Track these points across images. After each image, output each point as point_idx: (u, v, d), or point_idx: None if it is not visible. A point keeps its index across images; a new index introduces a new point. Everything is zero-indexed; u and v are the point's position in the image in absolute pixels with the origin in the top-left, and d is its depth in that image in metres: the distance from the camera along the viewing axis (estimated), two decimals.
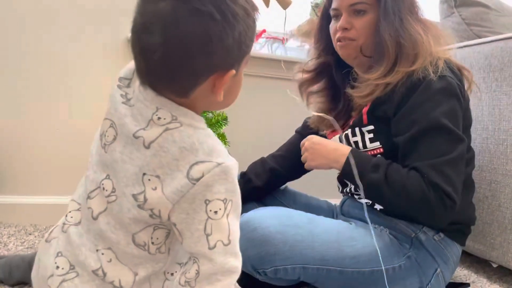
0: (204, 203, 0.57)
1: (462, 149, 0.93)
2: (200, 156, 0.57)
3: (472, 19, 1.57)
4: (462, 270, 1.41)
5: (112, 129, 0.63)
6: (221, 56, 0.57)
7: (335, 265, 0.92)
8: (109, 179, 0.62)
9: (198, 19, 0.53)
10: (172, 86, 0.59)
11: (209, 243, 0.58)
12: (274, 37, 1.98)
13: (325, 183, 1.59)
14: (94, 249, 0.62)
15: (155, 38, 0.54)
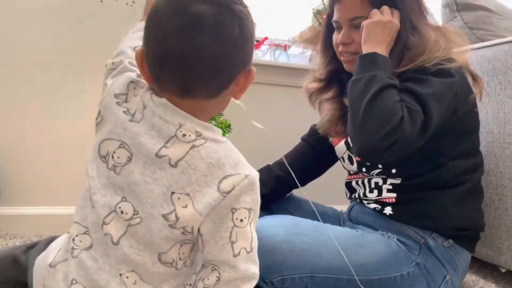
0: (230, 211, 0.59)
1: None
2: (228, 170, 0.59)
3: (474, 23, 1.57)
4: (471, 276, 1.40)
5: (123, 150, 0.61)
6: (249, 53, 0.61)
7: (343, 273, 0.91)
8: (127, 202, 0.61)
9: (237, 21, 0.58)
10: (212, 84, 0.60)
11: (233, 250, 0.60)
12: (276, 44, 1.98)
13: (330, 190, 1.59)
14: (117, 273, 0.60)
15: (204, 38, 0.56)
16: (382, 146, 0.85)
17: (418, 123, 0.87)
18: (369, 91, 0.88)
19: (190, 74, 0.58)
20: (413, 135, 0.87)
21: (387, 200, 1.03)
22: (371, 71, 0.91)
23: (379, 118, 0.86)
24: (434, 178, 1.00)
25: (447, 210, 0.99)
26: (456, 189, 1.00)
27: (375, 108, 0.87)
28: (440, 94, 0.92)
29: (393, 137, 0.84)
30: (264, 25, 1.98)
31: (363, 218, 1.10)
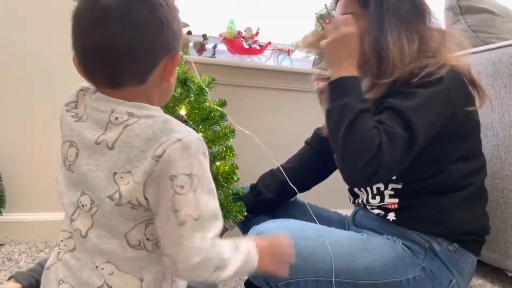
0: (170, 179, 0.58)
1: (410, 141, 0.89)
2: (162, 138, 0.59)
3: (478, 26, 1.57)
4: (477, 280, 1.39)
5: (72, 148, 0.65)
6: (171, 38, 0.64)
7: (348, 277, 0.91)
8: (85, 195, 0.63)
9: (147, 7, 0.61)
10: (133, 69, 0.62)
11: (178, 219, 0.58)
12: (279, 49, 1.99)
13: (335, 194, 1.58)
14: (94, 266, 0.62)
15: (112, 27, 0.59)
16: (367, 174, 0.87)
17: (398, 144, 0.88)
18: (342, 122, 0.89)
19: (109, 64, 0.61)
20: (395, 157, 0.88)
21: (389, 206, 1.03)
22: (341, 99, 0.92)
23: (357, 149, 0.87)
24: (436, 182, 0.99)
25: (451, 214, 0.98)
26: (459, 193, 0.99)
27: (351, 140, 0.88)
28: (427, 105, 0.92)
29: (374, 165, 0.86)
30: (268, 30, 1.99)
31: (368, 222, 1.10)
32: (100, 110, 0.63)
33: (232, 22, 1.91)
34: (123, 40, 0.59)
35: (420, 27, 0.99)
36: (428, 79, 0.92)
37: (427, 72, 0.92)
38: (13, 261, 1.30)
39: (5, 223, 1.50)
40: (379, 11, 0.98)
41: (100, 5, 0.59)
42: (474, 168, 1.03)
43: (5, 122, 1.55)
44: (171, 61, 0.65)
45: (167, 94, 0.71)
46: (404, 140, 0.88)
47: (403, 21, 0.98)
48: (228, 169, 1.36)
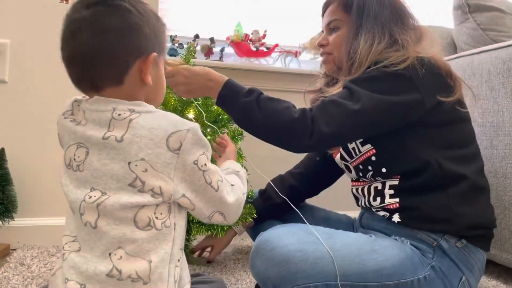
0: (193, 164, 0.68)
1: (357, 111, 0.94)
2: (169, 129, 0.66)
3: (487, 24, 1.55)
4: (491, 281, 1.37)
5: (81, 148, 0.68)
6: (142, 41, 0.69)
7: (358, 280, 0.90)
8: (95, 190, 0.66)
9: (116, 13, 0.66)
10: (107, 73, 0.67)
11: (213, 187, 0.71)
12: (287, 51, 1.99)
13: (342, 197, 1.58)
14: (103, 256, 0.64)
15: (83, 36, 0.65)
16: (304, 141, 0.94)
17: (330, 108, 0.94)
18: (255, 115, 0.96)
19: (85, 70, 0.68)
20: (327, 119, 0.93)
21: (391, 206, 1.02)
22: (238, 102, 0.98)
23: (282, 125, 0.96)
24: (430, 176, 0.99)
25: (453, 210, 0.97)
26: (456, 187, 0.98)
27: (273, 122, 0.96)
28: (379, 79, 0.97)
29: (307, 131, 0.93)
30: (275, 32, 1.99)
31: (374, 224, 1.09)
32: (100, 110, 0.67)
33: (239, 25, 1.91)
34: (93, 48, 0.66)
35: (395, 29, 1.05)
36: (387, 68, 0.97)
37: (388, 62, 0.98)
38: (25, 265, 1.31)
39: (17, 228, 1.51)
40: (360, 18, 1.06)
41: (75, 18, 0.67)
42: (463, 157, 1.02)
43: (16, 128, 1.57)
44: (144, 62, 0.70)
45: (157, 93, 0.77)
46: (342, 106, 0.94)
47: (380, 25, 1.05)
48: None
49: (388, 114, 0.97)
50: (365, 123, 0.96)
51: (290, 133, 0.95)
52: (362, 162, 1.08)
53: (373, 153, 1.04)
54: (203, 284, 0.85)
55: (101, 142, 0.66)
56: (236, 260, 1.48)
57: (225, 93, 1.00)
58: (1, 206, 1.44)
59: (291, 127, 0.94)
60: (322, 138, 0.93)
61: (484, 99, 1.38)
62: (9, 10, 1.56)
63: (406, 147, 1.01)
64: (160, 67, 0.75)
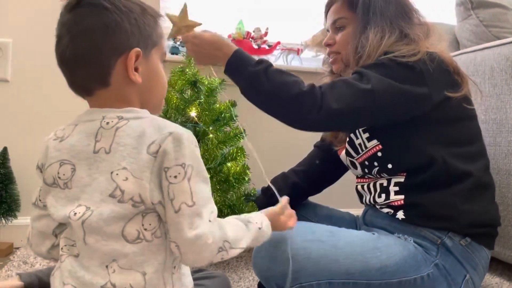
0: (164, 171, 0.61)
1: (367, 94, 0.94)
2: (154, 135, 0.62)
3: (490, 21, 1.54)
4: (494, 278, 1.37)
5: (65, 166, 0.66)
6: (121, 39, 0.66)
7: (361, 278, 0.90)
8: (80, 206, 0.64)
9: (93, 13, 0.65)
10: (91, 75, 0.67)
11: (174, 207, 0.61)
12: (289, 49, 1.98)
13: (345, 194, 1.57)
14: (100, 267, 0.62)
15: (64, 40, 0.65)
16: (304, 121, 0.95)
17: (339, 87, 0.94)
18: (264, 82, 0.96)
19: (72, 74, 0.68)
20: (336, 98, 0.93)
21: (396, 203, 1.02)
22: (245, 71, 0.98)
23: (290, 95, 0.94)
24: (435, 172, 0.98)
25: (458, 208, 0.97)
26: (462, 184, 0.98)
27: (279, 90, 0.95)
28: (389, 67, 0.97)
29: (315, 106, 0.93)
30: (277, 29, 1.98)
31: (378, 221, 1.09)
32: (91, 119, 0.66)
33: (241, 23, 1.91)
34: (72, 51, 0.65)
35: (403, 24, 1.05)
36: (398, 58, 0.97)
37: (400, 53, 0.97)
38: (28, 264, 1.32)
39: (20, 227, 1.52)
40: (366, 15, 1.06)
41: (60, 22, 0.67)
42: (469, 154, 1.01)
43: (19, 127, 1.57)
44: (128, 59, 0.67)
45: (152, 92, 0.72)
46: (353, 86, 0.94)
47: (388, 20, 1.05)
48: (239, 170, 1.36)
49: (396, 101, 0.96)
50: (374, 105, 0.95)
51: (297, 106, 0.94)
52: (368, 158, 1.08)
53: (379, 148, 1.04)
54: (206, 280, 0.85)
55: (91, 156, 0.64)
56: (239, 258, 1.48)
57: (234, 61, 1.00)
58: (4, 205, 1.45)
59: (299, 99, 0.93)
60: (330, 114, 0.93)
61: (487, 96, 1.38)
62: (11, 9, 1.56)
63: (412, 143, 1.00)
64: (153, 60, 0.71)
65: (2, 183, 1.45)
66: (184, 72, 1.42)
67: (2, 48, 1.55)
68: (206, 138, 1.37)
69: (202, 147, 1.34)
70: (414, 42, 1.02)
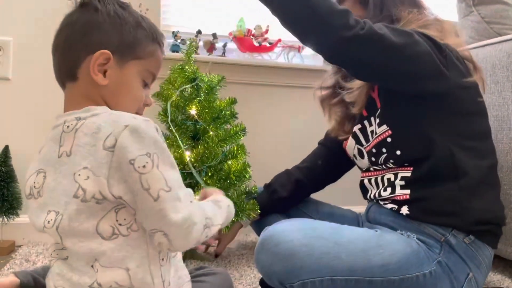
0: (130, 164, 0.60)
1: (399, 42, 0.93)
2: (109, 129, 0.61)
3: (491, 17, 1.54)
4: (496, 275, 1.37)
5: (40, 174, 0.68)
6: (97, 38, 0.69)
7: (363, 275, 0.90)
8: (51, 212, 0.65)
9: (84, 11, 0.70)
10: (64, 65, 0.70)
11: (152, 196, 0.60)
12: (290, 46, 1.98)
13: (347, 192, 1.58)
14: (86, 268, 0.63)
15: (57, 30, 0.71)
16: (344, 35, 0.90)
17: (372, 28, 0.92)
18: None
19: (54, 61, 0.72)
20: (371, 33, 0.91)
21: (401, 198, 1.02)
22: None
23: (330, 11, 0.91)
24: (442, 164, 0.98)
25: (463, 204, 0.97)
26: (469, 180, 0.97)
27: (322, 7, 0.90)
28: (408, 34, 0.96)
29: (351, 28, 0.90)
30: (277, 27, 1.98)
31: (381, 218, 1.09)
32: (56, 125, 0.68)
33: (241, 20, 1.91)
34: (56, 39, 0.71)
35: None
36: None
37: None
38: (30, 262, 1.32)
39: (21, 225, 1.52)
40: (378, 15, 1.05)
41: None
42: (478, 150, 1.01)
43: (20, 125, 1.57)
44: (94, 57, 0.68)
45: (118, 98, 0.71)
46: (390, 27, 0.95)
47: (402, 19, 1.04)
48: (240, 168, 1.36)
49: (423, 57, 0.96)
50: (408, 47, 0.94)
51: (343, 19, 0.91)
52: (376, 145, 1.07)
53: (389, 134, 1.04)
54: (208, 276, 0.85)
55: (56, 161, 0.65)
56: (240, 255, 1.48)
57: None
58: (6, 203, 1.45)
59: (345, 14, 0.91)
60: (371, 35, 0.91)
61: (488, 92, 1.37)
62: (12, 7, 1.56)
63: (422, 131, 1.00)
64: (127, 71, 0.71)
65: (4, 181, 1.45)
66: (183, 70, 1.42)
67: (3, 46, 1.55)
68: (207, 136, 1.37)
69: (203, 145, 1.34)
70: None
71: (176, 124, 1.38)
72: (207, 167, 1.32)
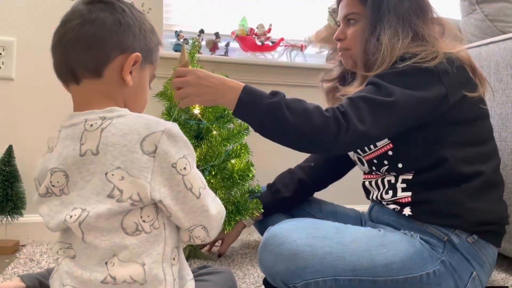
0: (172, 167, 0.64)
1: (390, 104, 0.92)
2: (143, 132, 0.64)
3: (495, 15, 1.53)
4: (500, 274, 1.36)
5: (57, 173, 0.66)
6: (128, 39, 0.69)
7: (367, 274, 0.90)
8: (76, 209, 0.65)
9: (109, 10, 0.69)
10: (88, 60, 0.67)
11: (194, 194, 0.66)
12: (292, 45, 1.98)
13: (350, 191, 1.57)
14: (99, 264, 0.64)
15: (72, 23, 0.67)
16: (330, 145, 0.92)
17: (363, 108, 0.90)
18: (283, 117, 0.90)
19: (68, 54, 0.68)
20: (362, 119, 0.90)
21: (403, 200, 1.02)
22: (261, 104, 0.91)
23: (316, 125, 0.90)
24: (445, 171, 0.98)
25: (465, 206, 0.96)
26: (471, 183, 0.97)
27: (304, 121, 0.90)
28: (409, 75, 0.95)
29: (341, 131, 0.89)
30: (280, 26, 1.98)
31: (384, 218, 1.09)
32: (74, 124, 0.67)
33: (244, 20, 1.90)
34: (78, 33, 0.67)
35: (418, 23, 1.02)
36: (418, 64, 0.95)
37: (419, 58, 0.95)
38: (34, 261, 1.32)
39: (26, 224, 1.52)
40: (379, 11, 1.02)
41: (71, 11, 0.70)
42: (481, 154, 1.01)
43: (24, 125, 1.57)
44: (126, 59, 0.69)
45: (137, 99, 0.74)
46: (373, 101, 0.91)
47: (400, 18, 1.01)
48: (244, 167, 1.36)
49: (418, 110, 0.95)
50: (397, 118, 0.93)
51: (325, 132, 0.89)
52: (377, 157, 1.06)
53: (390, 147, 1.03)
54: (211, 275, 0.85)
55: (79, 160, 0.65)
56: (244, 255, 1.48)
57: (246, 97, 0.92)
58: (10, 203, 1.45)
59: (326, 126, 0.89)
60: (357, 136, 0.89)
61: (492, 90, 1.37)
62: (15, 7, 1.56)
63: (425, 144, 0.99)
64: (144, 74, 0.74)
65: (8, 181, 1.46)
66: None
67: (6, 46, 1.56)
68: (210, 135, 1.37)
69: (206, 144, 1.34)
70: (430, 43, 0.99)
71: (180, 123, 1.38)
72: (210, 166, 1.33)
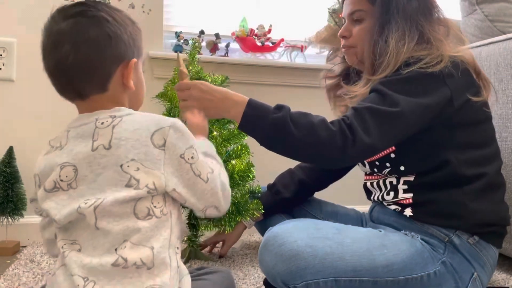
0: (180, 158, 0.70)
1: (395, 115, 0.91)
2: (152, 127, 0.69)
3: (495, 15, 1.53)
4: (500, 274, 1.36)
5: (66, 168, 0.69)
6: (121, 48, 0.73)
7: (368, 275, 0.90)
8: (88, 199, 0.67)
9: (95, 24, 0.71)
10: (91, 82, 0.72)
11: (203, 179, 0.73)
12: (292, 46, 1.98)
13: (351, 191, 1.57)
14: (113, 250, 0.65)
15: (65, 48, 0.69)
16: (343, 155, 0.89)
17: (368, 120, 0.89)
18: (289, 133, 0.90)
19: (71, 78, 0.71)
20: (368, 132, 0.89)
21: (404, 201, 1.02)
22: (266, 119, 0.91)
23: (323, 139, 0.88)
24: (447, 174, 0.98)
25: (467, 207, 0.96)
26: (473, 185, 0.97)
27: (311, 136, 0.89)
28: (415, 82, 0.94)
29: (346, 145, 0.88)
30: (280, 26, 1.98)
31: (385, 218, 1.09)
32: (85, 123, 0.71)
33: (244, 20, 1.91)
34: (75, 59, 0.69)
35: (424, 24, 1.00)
36: (422, 69, 0.94)
37: (424, 63, 0.94)
38: (35, 262, 1.33)
39: (26, 225, 1.53)
40: (386, 11, 1.01)
41: (54, 31, 0.71)
42: (484, 157, 1.01)
43: (24, 126, 1.57)
44: (126, 68, 0.74)
45: (139, 96, 0.81)
46: (378, 112, 0.90)
47: (408, 19, 1.00)
48: (244, 167, 1.36)
49: (423, 117, 0.94)
50: (403, 127, 0.93)
51: (331, 146, 0.88)
52: (379, 159, 1.06)
53: (393, 150, 1.02)
54: (210, 275, 0.86)
55: (90, 154, 0.68)
56: (244, 255, 1.48)
57: (251, 112, 0.92)
58: (11, 204, 1.45)
59: (332, 139, 0.88)
60: (364, 148, 0.88)
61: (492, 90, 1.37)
62: (16, 8, 1.56)
63: (428, 147, 0.99)
64: (139, 70, 0.79)
65: (8, 182, 1.46)
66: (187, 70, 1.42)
67: (7, 47, 1.56)
68: (211, 136, 1.37)
69: None
70: (434, 45, 0.98)
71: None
72: None
